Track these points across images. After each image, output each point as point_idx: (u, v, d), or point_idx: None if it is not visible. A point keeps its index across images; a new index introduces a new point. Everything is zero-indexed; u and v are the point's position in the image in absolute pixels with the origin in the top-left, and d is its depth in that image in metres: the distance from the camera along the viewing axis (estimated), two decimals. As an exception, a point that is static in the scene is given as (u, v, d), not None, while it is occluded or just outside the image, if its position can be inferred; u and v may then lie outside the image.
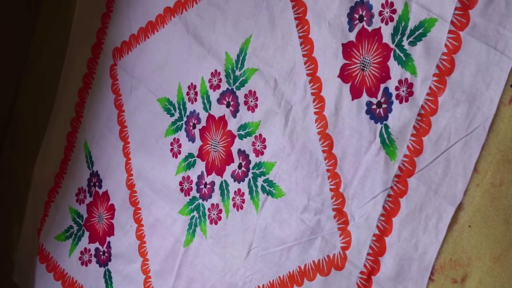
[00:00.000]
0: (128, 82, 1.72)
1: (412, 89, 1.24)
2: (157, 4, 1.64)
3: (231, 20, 1.51)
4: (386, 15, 1.27)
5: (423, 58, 1.22)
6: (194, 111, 1.59)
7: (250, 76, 1.48)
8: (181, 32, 1.59)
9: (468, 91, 1.17)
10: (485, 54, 1.14)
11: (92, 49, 1.79)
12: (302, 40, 1.39)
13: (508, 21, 1.11)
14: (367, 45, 1.30)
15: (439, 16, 1.19)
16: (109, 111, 1.76)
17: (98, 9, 1.76)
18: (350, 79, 1.32)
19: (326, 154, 1.36)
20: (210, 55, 1.55)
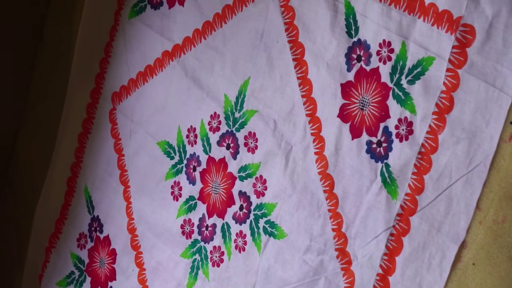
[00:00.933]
0: (128, 126, 1.72)
1: (412, 128, 1.24)
2: (155, 48, 1.65)
3: (229, 63, 1.51)
4: (384, 55, 1.27)
5: (422, 96, 1.22)
6: (194, 154, 1.59)
7: (250, 118, 1.48)
8: (179, 75, 1.60)
9: (468, 129, 1.17)
10: (484, 91, 1.14)
11: (91, 94, 1.79)
12: (300, 81, 1.40)
13: (505, 59, 1.12)
14: (366, 84, 1.30)
15: (436, 54, 1.20)
16: (109, 156, 1.76)
17: (96, 54, 1.77)
18: (350, 118, 1.33)
19: (328, 194, 1.36)
20: (209, 97, 1.55)
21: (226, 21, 1.51)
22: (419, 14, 1.22)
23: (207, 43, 1.55)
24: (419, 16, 1.22)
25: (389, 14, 1.26)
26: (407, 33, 1.24)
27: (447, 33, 1.18)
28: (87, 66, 1.79)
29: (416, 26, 1.22)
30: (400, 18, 1.24)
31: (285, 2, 1.41)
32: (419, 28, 1.22)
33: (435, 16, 1.20)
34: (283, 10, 1.41)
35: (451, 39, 1.18)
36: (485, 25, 1.14)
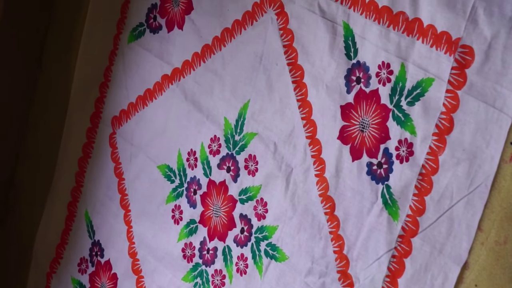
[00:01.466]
0: (128, 150, 1.72)
1: (412, 149, 1.24)
2: (155, 72, 1.65)
3: (229, 86, 1.51)
4: (383, 76, 1.27)
5: (422, 117, 1.22)
6: (195, 177, 1.58)
7: (250, 141, 1.48)
8: (179, 99, 1.60)
9: (469, 150, 1.16)
10: (484, 112, 1.14)
11: (91, 118, 1.79)
12: (300, 103, 1.40)
13: (505, 79, 1.12)
14: (366, 106, 1.30)
15: (436, 76, 1.20)
16: (109, 180, 1.76)
17: (96, 78, 1.77)
18: (350, 140, 1.32)
19: (329, 216, 1.36)
20: (209, 120, 1.55)
21: (225, 44, 1.52)
22: (418, 36, 1.22)
23: (206, 66, 1.55)
24: (418, 37, 1.22)
25: (388, 36, 1.26)
26: (406, 54, 1.24)
27: (446, 54, 1.18)
28: (86, 91, 1.79)
29: (415, 47, 1.23)
30: (398, 40, 1.25)
31: (284, 25, 1.41)
32: (418, 50, 1.22)
33: (434, 38, 1.20)
34: (282, 32, 1.42)
35: (450, 60, 1.18)
36: (484, 46, 1.14)
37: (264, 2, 1.44)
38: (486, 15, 1.13)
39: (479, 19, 1.14)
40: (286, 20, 1.41)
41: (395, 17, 1.25)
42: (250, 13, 1.46)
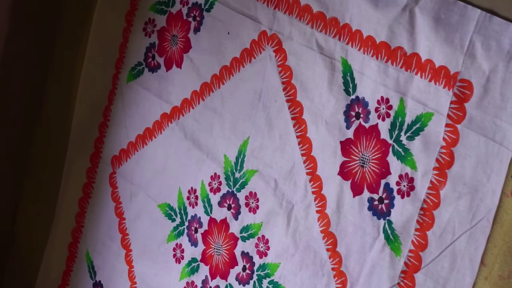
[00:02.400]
0: (128, 190, 1.72)
1: (413, 184, 1.23)
2: (154, 111, 1.65)
3: (228, 123, 1.51)
4: (382, 111, 1.27)
5: (422, 152, 1.22)
6: (196, 215, 1.58)
7: (250, 178, 1.48)
8: (179, 137, 1.60)
9: (470, 184, 1.16)
10: (484, 146, 1.14)
11: (91, 158, 1.79)
12: (300, 139, 1.40)
13: (504, 113, 1.12)
14: (365, 141, 1.30)
15: (435, 110, 1.20)
16: (110, 220, 1.75)
17: (95, 118, 1.77)
18: (351, 176, 1.32)
19: (331, 252, 1.35)
20: (208, 158, 1.55)
21: (224, 82, 1.52)
22: (416, 71, 1.22)
23: (205, 104, 1.55)
24: (416, 72, 1.22)
25: (386, 71, 1.26)
26: (404, 89, 1.24)
27: (445, 88, 1.19)
28: (86, 131, 1.79)
29: (414, 82, 1.23)
30: (397, 75, 1.25)
31: (282, 62, 1.41)
32: (417, 84, 1.22)
33: (432, 72, 1.20)
34: (280, 69, 1.42)
35: (449, 94, 1.18)
36: (483, 80, 1.14)
37: (262, 40, 1.45)
38: (484, 49, 1.14)
39: (477, 53, 1.15)
40: (284, 57, 1.41)
41: (393, 52, 1.25)
42: (248, 51, 1.47)
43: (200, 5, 1.55)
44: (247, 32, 1.47)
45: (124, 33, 1.70)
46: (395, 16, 1.24)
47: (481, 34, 1.14)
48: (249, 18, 1.47)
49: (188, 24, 1.57)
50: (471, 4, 1.16)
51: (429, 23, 1.20)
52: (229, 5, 1.49)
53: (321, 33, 1.35)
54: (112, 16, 1.71)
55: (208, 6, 1.53)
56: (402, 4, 1.24)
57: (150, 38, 1.65)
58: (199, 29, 1.56)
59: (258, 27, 1.45)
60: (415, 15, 1.22)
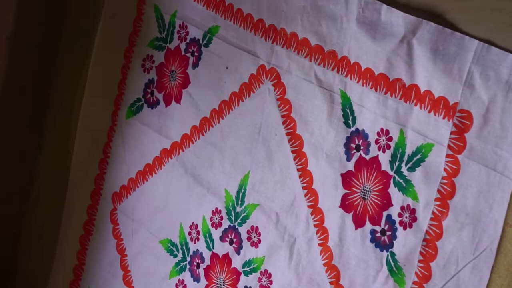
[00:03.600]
0: (129, 226, 1.71)
1: (415, 215, 1.23)
2: (154, 146, 1.65)
3: (229, 157, 1.51)
4: (382, 143, 1.27)
5: (423, 183, 1.22)
6: (197, 251, 1.57)
7: (252, 212, 1.47)
8: (179, 172, 1.60)
9: (472, 214, 1.16)
10: (485, 176, 1.14)
11: (91, 195, 1.79)
12: (300, 172, 1.40)
13: (504, 142, 1.12)
14: (366, 173, 1.30)
15: (435, 141, 1.20)
16: (111, 257, 1.75)
17: (95, 155, 1.77)
18: (352, 208, 1.32)
19: (334, 285, 1.34)
20: (209, 193, 1.55)
21: (223, 117, 1.52)
22: (415, 102, 1.22)
23: (205, 139, 1.55)
24: (416, 103, 1.22)
25: (386, 103, 1.26)
26: (404, 120, 1.24)
27: (445, 119, 1.19)
28: (86, 169, 1.79)
29: (413, 113, 1.23)
30: (396, 106, 1.25)
31: (281, 95, 1.42)
32: (416, 116, 1.22)
33: (432, 103, 1.20)
34: (280, 103, 1.42)
35: (448, 125, 1.18)
36: (482, 110, 1.14)
37: (260, 74, 1.45)
38: (483, 79, 1.14)
39: (476, 84, 1.15)
40: (283, 91, 1.42)
41: (392, 84, 1.26)
42: (247, 85, 1.47)
43: (198, 40, 1.55)
44: (245, 67, 1.47)
45: (122, 70, 1.71)
46: (393, 48, 1.25)
47: (479, 65, 1.14)
48: (247, 52, 1.47)
49: (186, 60, 1.58)
50: (468, 35, 1.16)
51: (427, 54, 1.20)
52: (227, 40, 1.50)
53: (319, 66, 1.36)
54: (110, 53, 1.72)
55: (206, 42, 1.54)
56: (400, 36, 1.24)
57: (149, 74, 1.66)
58: (198, 65, 1.56)
59: (256, 61, 1.46)
60: (413, 46, 1.22)
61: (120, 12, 1.70)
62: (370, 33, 1.28)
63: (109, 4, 1.71)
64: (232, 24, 1.49)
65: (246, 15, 1.47)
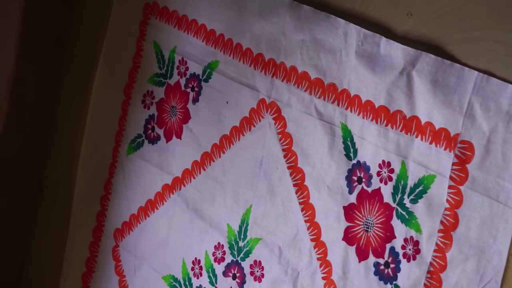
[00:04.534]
0: (132, 263, 1.71)
1: (419, 247, 1.23)
2: (155, 182, 1.65)
3: (230, 192, 1.51)
4: (384, 175, 1.27)
5: (426, 215, 1.21)
6: (200, 286, 1.57)
7: (254, 246, 1.47)
8: (181, 208, 1.60)
9: (476, 245, 1.15)
10: (488, 206, 1.14)
11: (93, 232, 1.78)
12: (302, 206, 1.39)
13: (506, 173, 1.12)
14: (369, 206, 1.30)
15: (437, 172, 1.20)
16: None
17: (96, 192, 1.77)
18: (355, 241, 1.32)
19: (338, 318, 1.34)
20: (212, 228, 1.54)
21: (224, 151, 1.52)
22: (416, 133, 1.22)
23: (206, 174, 1.55)
24: (417, 135, 1.22)
25: (386, 135, 1.26)
26: (405, 152, 1.24)
27: (446, 150, 1.19)
28: (87, 206, 1.79)
29: (414, 145, 1.23)
30: (397, 138, 1.25)
31: (282, 129, 1.42)
32: (418, 147, 1.22)
33: (433, 135, 1.20)
34: (280, 136, 1.42)
35: (450, 156, 1.18)
36: (483, 141, 1.14)
37: (261, 108, 1.45)
38: (483, 110, 1.14)
39: (476, 114, 1.15)
40: (284, 124, 1.42)
41: (393, 116, 1.26)
42: (248, 119, 1.47)
43: (198, 75, 1.56)
44: (245, 101, 1.48)
45: (123, 106, 1.71)
46: (392, 80, 1.25)
47: (479, 96, 1.15)
48: (247, 86, 1.47)
49: (186, 95, 1.58)
50: (467, 66, 1.17)
51: (427, 86, 1.21)
52: (227, 74, 1.50)
53: (319, 99, 1.36)
54: (110, 90, 1.72)
55: (206, 77, 1.54)
56: (399, 68, 1.24)
57: (149, 110, 1.66)
58: (198, 100, 1.56)
59: (256, 95, 1.46)
60: (412, 78, 1.22)
61: (120, 49, 1.70)
62: (369, 65, 1.29)
63: (109, 41, 1.72)
64: (231, 59, 1.50)
65: (245, 50, 1.47)
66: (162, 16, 1.63)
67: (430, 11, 1.23)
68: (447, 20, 1.21)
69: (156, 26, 1.64)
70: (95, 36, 1.77)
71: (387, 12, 1.29)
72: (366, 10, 1.32)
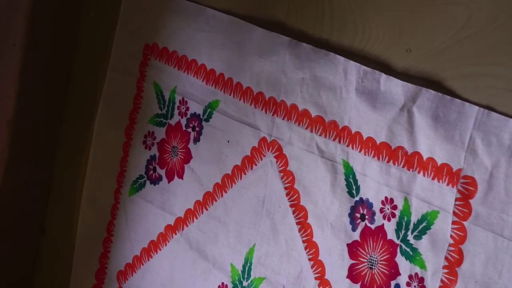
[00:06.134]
0: (136, 305, 1.70)
1: (424, 284, 1.22)
2: (158, 223, 1.64)
3: (233, 231, 1.51)
4: (387, 212, 1.27)
5: (430, 251, 1.21)
6: (205, 327, 1.56)
7: (258, 285, 1.46)
8: (184, 248, 1.59)
9: (481, 281, 1.15)
10: (493, 242, 1.13)
11: (96, 275, 1.78)
12: (306, 244, 1.39)
13: (510, 208, 1.11)
14: (372, 243, 1.29)
15: (440, 208, 1.19)
16: None
17: (99, 235, 1.77)
18: (360, 278, 1.31)
19: None
20: (215, 268, 1.54)
21: (226, 190, 1.52)
22: (419, 169, 1.22)
23: (209, 214, 1.55)
24: (419, 171, 1.22)
25: (389, 171, 1.26)
26: (408, 188, 1.24)
27: (449, 186, 1.18)
28: (90, 248, 1.79)
29: (417, 181, 1.22)
30: (400, 175, 1.25)
31: (284, 167, 1.42)
32: (420, 183, 1.22)
33: (435, 170, 1.20)
34: (282, 175, 1.42)
35: (453, 191, 1.18)
36: (486, 176, 1.14)
37: (262, 146, 1.45)
38: (485, 145, 1.14)
39: (478, 150, 1.15)
40: (285, 162, 1.42)
41: (394, 152, 1.25)
42: (249, 158, 1.47)
43: (199, 115, 1.56)
44: (247, 140, 1.48)
45: (124, 147, 1.71)
46: (393, 116, 1.25)
47: (480, 130, 1.14)
48: (248, 125, 1.47)
49: (187, 135, 1.58)
50: (468, 101, 1.17)
51: (428, 122, 1.21)
52: (227, 114, 1.51)
53: (321, 136, 1.36)
54: (111, 131, 1.73)
55: (207, 116, 1.54)
56: (400, 104, 1.24)
57: (150, 150, 1.66)
58: (199, 139, 1.56)
59: (257, 134, 1.46)
60: (413, 114, 1.23)
61: (120, 90, 1.71)
62: (370, 102, 1.29)
63: (108, 83, 1.72)
64: (232, 98, 1.50)
65: (245, 89, 1.47)
66: (162, 56, 1.63)
67: (430, 47, 1.23)
68: (447, 55, 1.21)
69: (156, 66, 1.64)
70: (96, 78, 1.78)
71: (386, 48, 1.29)
72: (366, 47, 1.32)
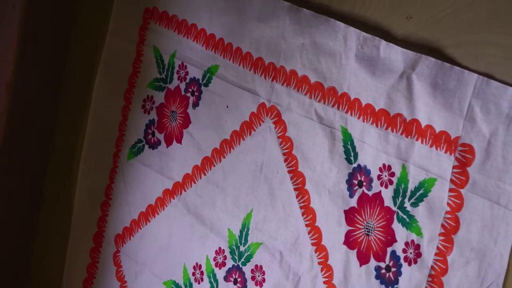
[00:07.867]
0: (133, 268, 1.70)
1: (420, 250, 1.22)
2: (156, 187, 1.65)
3: (231, 197, 1.51)
4: (385, 179, 1.27)
5: (427, 218, 1.21)
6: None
7: (255, 251, 1.47)
8: (181, 213, 1.59)
9: (477, 248, 1.15)
10: (489, 209, 1.14)
11: (94, 238, 1.78)
12: (303, 210, 1.39)
13: (507, 176, 1.12)
14: (369, 209, 1.29)
15: (437, 175, 1.20)
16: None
17: (97, 198, 1.77)
18: (356, 245, 1.31)
19: (340, 323, 1.34)
20: (212, 233, 1.54)
21: (224, 156, 1.52)
22: (417, 137, 1.22)
23: (207, 179, 1.55)
24: (417, 138, 1.22)
25: (387, 138, 1.26)
26: (406, 156, 1.24)
27: (446, 153, 1.18)
28: (88, 212, 1.79)
29: (415, 148, 1.23)
30: (398, 142, 1.25)
31: (282, 133, 1.42)
32: (418, 151, 1.22)
33: (433, 138, 1.20)
34: (281, 141, 1.42)
35: (451, 159, 1.18)
36: (484, 144, 1.14)
37: (261, 112, 1.45)
38: (483, 113, 1.14)
39: (477, 117, 1.15)
40: (284, 128, 1.42)
41: (393, 119, 1.25)
42: (248, 123, 1.47)
43: (198, 80, 1.55)
44: (246, 105, 1.47)
45: (123, 112, 1.71)
46: (392, 83, 1.25)
47: (479, 98, 1.14)
48: (247, 91, 1.47)
49: (186, 100, 1.58)
50: (467, 69, 1.17)
51: (427, 89, 1.20)
52: (227, 79, 1.50)
53: (319, 103, 1.36)
54: (110, 95, 1.72)
55: (206, 81, 1.54)
56: (399, 71, 1.24)
57: (149, 115, 1.66)
58: (198, 104, 1.56)
59: (256, 100, 1.46)
60: (412, 81, 1.22)
61: (119, 54, 1.70)
62: (369, 69, 1.28)
63: (108, 47, 1.72)
64: (231, 63, 1.50)
65: (245, 54, 1.47)
66: (162, 20, 1.62)
67: (430, 14, 1.23)
68: (447, 23, 1.21)
69: (156, 31, 1.64)
70: (95, 42, 1.77)
71: (387, 15, 1.29)
72: (366, 13, 1.32)
